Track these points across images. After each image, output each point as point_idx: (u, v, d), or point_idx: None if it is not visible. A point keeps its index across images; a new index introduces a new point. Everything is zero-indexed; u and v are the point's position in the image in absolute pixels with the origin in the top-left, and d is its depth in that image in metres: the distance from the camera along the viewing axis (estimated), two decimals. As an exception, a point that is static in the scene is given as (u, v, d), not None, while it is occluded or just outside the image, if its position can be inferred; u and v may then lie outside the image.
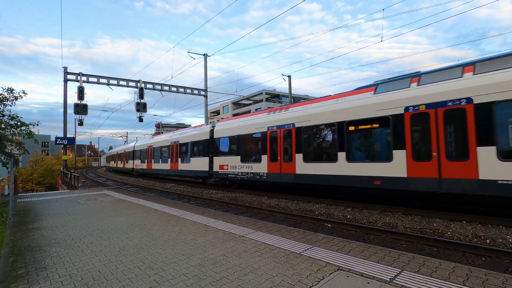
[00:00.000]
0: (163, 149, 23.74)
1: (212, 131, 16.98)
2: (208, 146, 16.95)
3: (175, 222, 7.11)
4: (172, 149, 21.89)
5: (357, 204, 9.70)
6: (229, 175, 15.03)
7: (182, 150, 20.25)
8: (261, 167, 13.00)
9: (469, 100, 7.27)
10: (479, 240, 6.04)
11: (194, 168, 18.38)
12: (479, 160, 7.03)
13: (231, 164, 14.85)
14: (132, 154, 32.47)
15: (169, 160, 22.24)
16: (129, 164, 33.66)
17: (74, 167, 49.08)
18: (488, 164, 6.88)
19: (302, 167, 11.19)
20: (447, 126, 7.72)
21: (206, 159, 16.98)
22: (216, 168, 16.08)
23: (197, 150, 18.33)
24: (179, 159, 20.43)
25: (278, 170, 12.17)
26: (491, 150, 6.86)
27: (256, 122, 13.75)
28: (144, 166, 28.02)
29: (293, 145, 11.63)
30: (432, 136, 7.89)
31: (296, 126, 11.56)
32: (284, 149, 12.07)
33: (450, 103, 7.59)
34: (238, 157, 14.47)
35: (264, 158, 12.91)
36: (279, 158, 12.21)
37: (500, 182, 6.70)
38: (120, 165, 39.61)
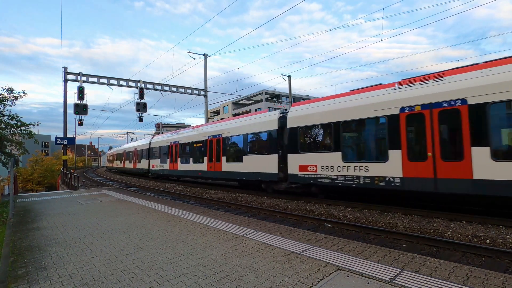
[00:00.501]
0: (196, 145, 18.52)
1: (282, 119, 12.61)
2: (277, 140, 12.52)
3: (175, 222, 7.12)
4: (211, 145, 16.91)
5: (357, 204, 9.70)
6: (318, 180, 10.56)
7: (228, 146, 15.53)
8: (388, 168, 8.75)
9: None
10: (479, 240, 6.04)
11: (251, 170, 13.68)
12: None
13: (324, 164, 10.41)
14: (148, 152, 26.67)
15: (205, 159, 17.26)
16: (143, 165, 27.96)
17: (74, 167, 49.08)
18: None
19: (491, 168, 6.98)
20: None
21: (274, 157, 12.50)
22: (293, 169, 11.56)
23: (256, 145, 13.81)
24: (223, 158, 15.65)
25: (429, 174, 8.03)
26: None
27: (373, 102, 9.22)
28: (166, 166, 22.61)
29: (464, 133, 7.43)
30: None
31: (471, 102, 7.33)
32: (441, 140, 7.91)
33: None
34: (338, 154, 10.02)
35: (395, 154, 8.64)
36: (430, 154, 8.08)
37: None
38: (128, 165, 33.31)
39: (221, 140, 16.06)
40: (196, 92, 25.81)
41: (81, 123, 20.83)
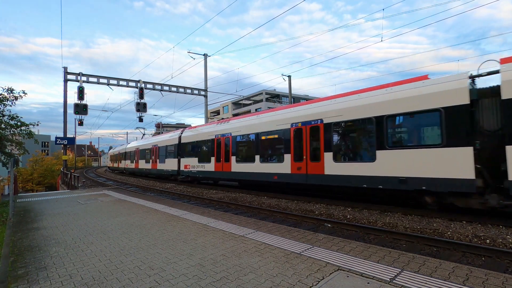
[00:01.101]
0: (266, 137, 13.12)
1: (478, 88, 7.95)
2: (466, 123, 7.44)
3: (175, 222, 7.12)
4: (299, 136, 11.53)
5: (357, 204, 9.70)
6: None
7: (339, 137, 10.38)
8: None
9: None
10: (479, 240, 6.04)
11: (396, 173, 8.56)
12: None
13: None
14: (177, 149, 20.92)
15: (287, 157, 11.87)
16: (168, 165, 22.08)
17: (74, 167, 49.07)
18: None
19: None
20: None
21: (460, 152, 7.42)
22: None
23: (410, 133, 8.64)
24: (326, 155, 10.37)
25: None
26: None
27: None
28: (209, 167, 16.94)
29: None
30: None
31: None
32: None
33: None
34: None
35: None
36: None
37: None
38: (145, 165, 27.34)
39: (322, 128, 10.66)
40: (196, 92, 25.81)
41: (81, 123, 20.85)
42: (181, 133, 21.03)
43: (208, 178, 17.93)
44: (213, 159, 16.63)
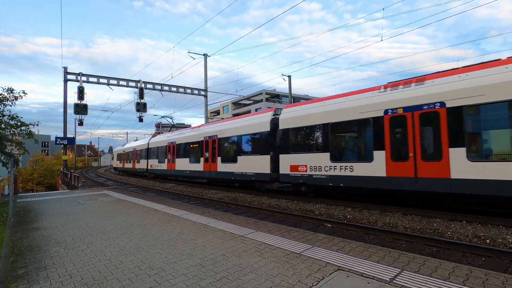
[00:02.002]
0: None
1: None
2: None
3: (175, 222, 7.12)
4: None
5: (357, 204, 9.69)
6: None
7: None
8: None
9: None
10: (479, 240, 6.04)
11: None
12: None
13: None
14: (267, 141, 13.10)
15: None
16: (244, 165, 14.25)
17: (74, 167, 49.06)
18: None
19: None
20: None
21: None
22: None
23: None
24: None
25: None
26: None
27: None
28: (368, 169, 9.21)
29: None
30: None
31: None
32: None
33: None
34: None
35: None
36: None
37: None
38: (188, 166, 19.30)
39: None
40: (196, 92, 25.81)
41: (81, 123, 20.85)
42: (274, 115, 13.39)
43: (364, 189, 9.53)
44: (381, 154, 8.99)
